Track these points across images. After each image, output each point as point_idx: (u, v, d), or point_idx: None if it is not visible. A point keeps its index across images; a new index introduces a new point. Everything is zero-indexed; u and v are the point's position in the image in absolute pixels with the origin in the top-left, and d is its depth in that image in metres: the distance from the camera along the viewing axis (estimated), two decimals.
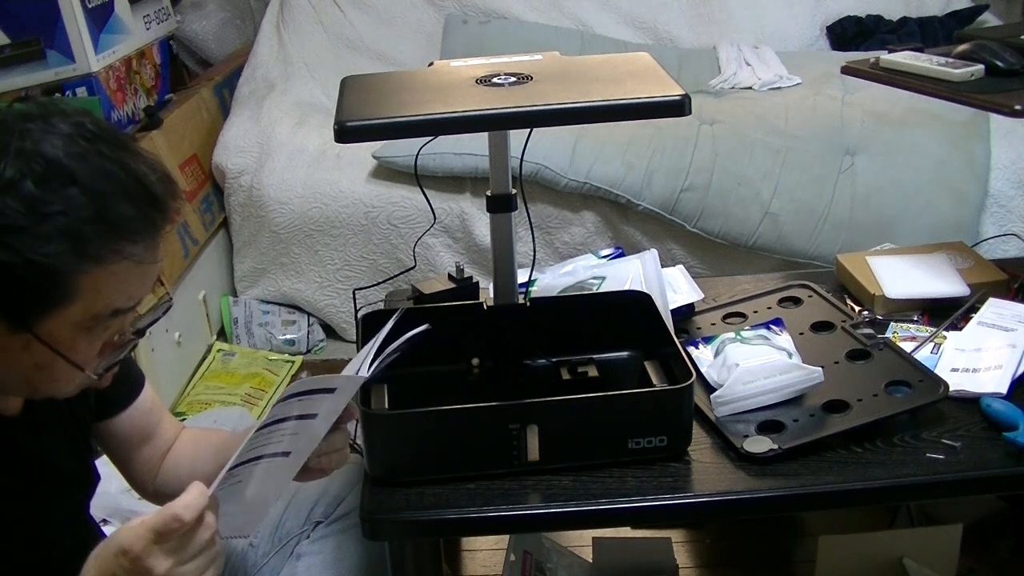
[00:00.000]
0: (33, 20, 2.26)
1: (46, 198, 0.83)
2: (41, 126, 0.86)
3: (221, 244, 2.84)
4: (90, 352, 0.92)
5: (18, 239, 0.82)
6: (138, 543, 0.85)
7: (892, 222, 2.45)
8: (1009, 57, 1.55)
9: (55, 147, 0.85)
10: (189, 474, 1.22)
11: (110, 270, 0.87)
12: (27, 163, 0.83)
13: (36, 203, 0.83)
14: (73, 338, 0.90)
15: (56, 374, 0.92)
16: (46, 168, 0.84)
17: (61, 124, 0.87)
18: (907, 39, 3.06)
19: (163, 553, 0.85)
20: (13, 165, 0.83)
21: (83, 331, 0.90)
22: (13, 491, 1.00)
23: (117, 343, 0.95)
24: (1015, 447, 1.20)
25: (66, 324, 0.88)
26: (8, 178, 0.83)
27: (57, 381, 0.94)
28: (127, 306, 0.92)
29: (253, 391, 2.53)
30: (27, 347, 0.89)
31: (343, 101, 1.23)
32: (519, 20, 3.23)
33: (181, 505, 0.86)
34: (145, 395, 1.22)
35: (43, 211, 0.83)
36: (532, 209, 2.53)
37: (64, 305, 0.87)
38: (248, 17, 3.54)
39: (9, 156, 0.83)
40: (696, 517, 1.62)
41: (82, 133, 0.87)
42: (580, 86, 1.25)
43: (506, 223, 1.34)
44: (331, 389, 0.98)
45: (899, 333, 1.49)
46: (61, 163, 0.84)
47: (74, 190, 0.84)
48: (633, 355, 1.43)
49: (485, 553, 1.94)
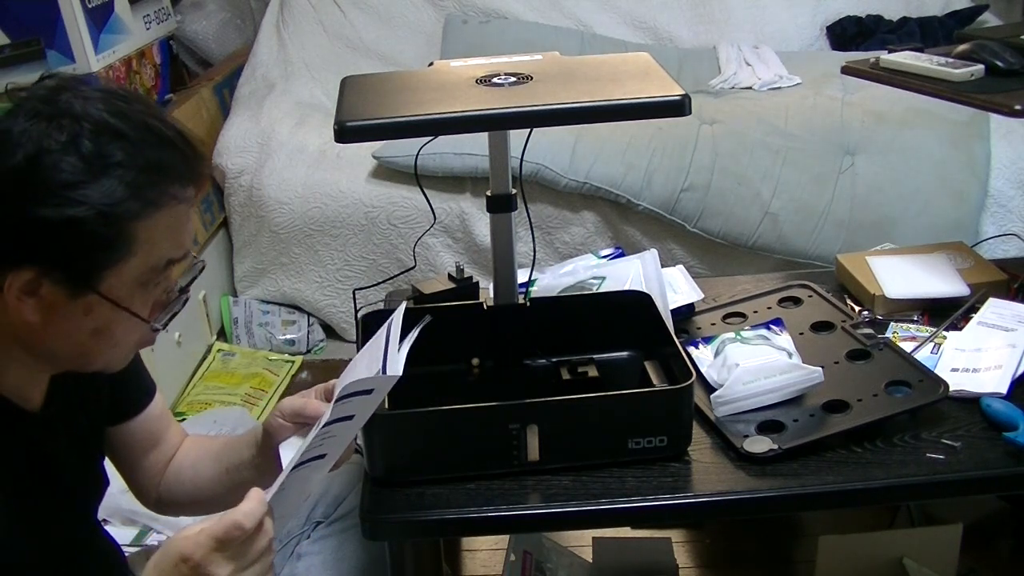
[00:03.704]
0: (33, 20, 2.26)
1: (103, 152, 0.88)
2: (76, 94, 0.90)
3: (221, 244, 2.84)
4: (145, 310, 0.95)
5: (84, 192, 0.86)
6: (199, 551, 0.86)
7: (892, 222, 2.45)
8: (1009, 57, 1.55)
9: (98, 109, 0.89)
10: (191, 480, 1.23)
11: (164, 216, 0.91)
12: (77, 124, 0.88)
13: (94, 158, 0.87)
14: (132, 295, 0.93)
15: (116, 335, 0.95)
16: (95, 127, 0.88)
17: (93, 91, 0.92)
18: (907, 39, 3.06)
19: (224, 560, 0.87)
20: (65, 129, 0.87)
21: (140, 287, 0.93)
22: (26, 489, 1.00)
23: (166, 301, 0.98)
24: (1015, 447, 1.20)
25: (126, 281, 0.91)
26: (63, 140, 0.87)
27: (116, 345, 0.96)
28: (178, 256, 0.96)
29: (253, 391, 2.53)
30: (89, 310, 0.91)
31: (343, 101, 1.23)
32: (519, 20, 3.23)
33: (242, 512, 0.88)
34: (156, 402, 1.23)
35: (102, 164, 0.87)
36: (532, 209, 2.53)
37: (125, 259, 0.90)
38: (248, 17, 3.54)
39: (58, 121, 0.87)
40: (696, 517, 1.62)
41: (116, 96, 0.92)
42: (580, 86, 1.25)
43: (506, 223, 1.34)
44: (369, 391, 0.99)
45: (899, 333, 1.49)
46: (107, 121, 0.89)
47: (125, 143, 0.89)
48: (633, 355, 1.43)
49: (485, 553, 1.94)
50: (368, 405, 1.01)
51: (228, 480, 1.21)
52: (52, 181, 0.86)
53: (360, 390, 0.98)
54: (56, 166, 0.86)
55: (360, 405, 1.00)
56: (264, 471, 1.17)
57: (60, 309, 0.90)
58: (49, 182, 0.86)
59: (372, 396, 1.00)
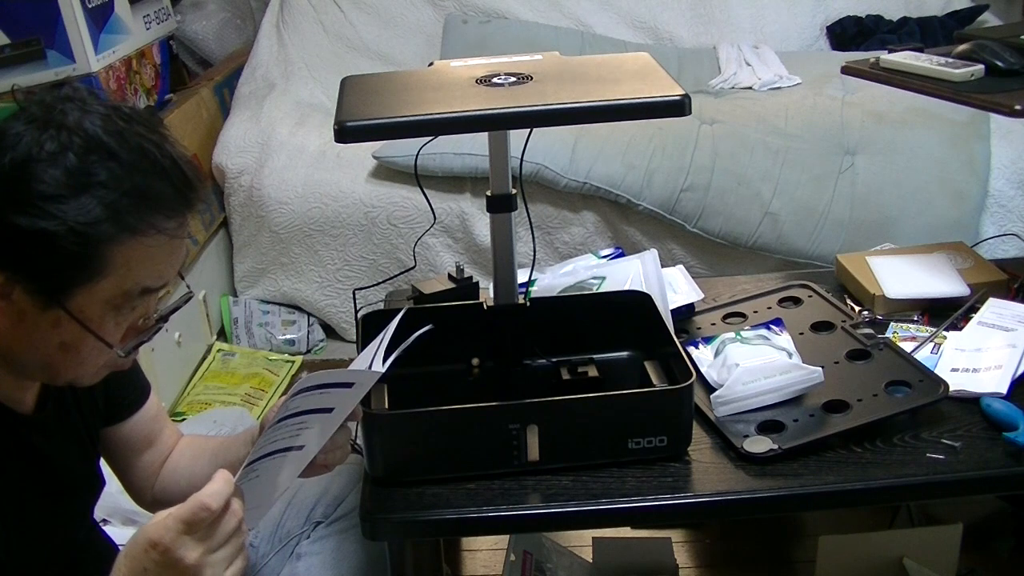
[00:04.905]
0: (33, 20, 2.26)
1: (87, 169, 0.87)
2: (79, 106, 0.89)
3: (221, 244, 2.84)
4: (116, 334, 0.94)
5: (60, 207, 0.85)
6: (167, 534, 0.85)
7: (892, 222, 2.45)
8: (1009, 57, 1.55)
9: (94, 124, 0.88)
10: (187, 479, 1.22)
11: (143, 244, 0.90)
12: (69, 137, 0.87)
13: (77, 174, 0.86)
14: (102, 316, 0.92)
15: (82, 354, 0.93)
16: (87, 142, 0.87)
17: (97, 105, 0.91)
18: (907, 39, 3.06)
19: (192, 542, 0.86)
20: (55, 139, 0.86)
21: (112, 309, 0.92)
22: (23, 491, 1.00)
23: (141, 327, 0.97)
24: (1015, 447, 1.20)
25: (96, 301, 0.90)
26: (51, 150, 0.86)
27: (82, 362, 0.95)
28: (155, 286, 0.94)
29: (253, 391, 2.53)
30: (57, 325, 0.90)
31: (343, 101, 1.23)
32: (519, 20, 3.23)
33: (208, 493, 0.86)
34: (151, 402, 1.23)
35: (84, 182, 0.86)
36: (532, 209, 2.53)
37: (97, 279, 0.89)
38: (248, 17, 3.54)
39: (51, 131, 0.87)
40: (696, 517, 1.62)
41: (119, 114, 0.91)
42: (580, 86, 1.25)
43: (506, 223, 1.34)
44: (348, 384, 0.99)
45: (899, 333, 1.49)
46: (101, 139, 0.88)
47: (113, 164, 0.88)
48: (633, 355, 1.43)
49: (485, 553, 1.94)
50: (349, 399, 1.00)
51: None
52: (32, 191, 0.85)
53: (340, 381, 0.97)
54: (39, 176, 0.85)
55: (340, 398, 0.99)
56: None
57: (29, 318, 0.90)
58: (29, 191, 0.85)
59: (353, 390, 0.99)
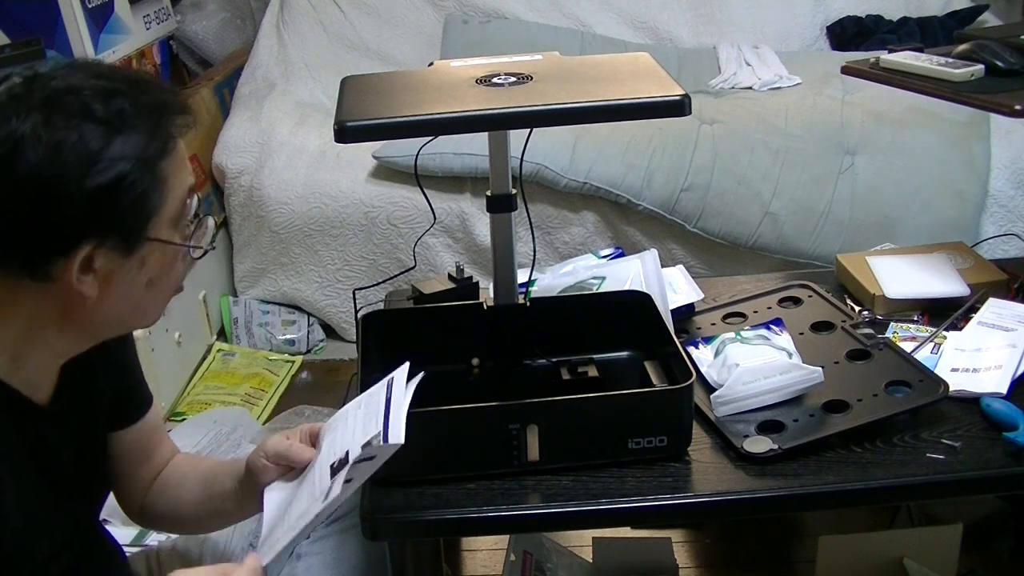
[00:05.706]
0: (33, 20, 2.26)
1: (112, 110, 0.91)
2: (51, 79, 0.93)
3: (221, 244, 2.84)
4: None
5: (116, 150, 0.90)
6: None
7: (892, 222, 2.45)
8: (1009, 57, 1.55)
9: (81, 79, 0.93)
10: (175, 498, 1.23)
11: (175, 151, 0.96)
12: (78, 96, 0.91)
13: (109, 119, 0.91)
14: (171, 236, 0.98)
15: (164, 283, 1.00)
16: (95, 93, 0.92)
17: (58, 70, 0.95)
18: (907, 39, 3.06)
19: None
20: (72, 102, 0.90)
21: (174, 225, 0.98)
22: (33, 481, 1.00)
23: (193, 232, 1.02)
24: (1015, 447, 1.20)
25: (165, 222, 0.96)
26: (77, 109, 0.90)
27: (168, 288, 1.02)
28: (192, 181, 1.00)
29: (253, 391, 2.53)
30: (143, 263, 0.96)
31: (343, 101, 1.23)
32: (519, 20, 3.23)
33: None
34: (152, 414, 1.23)
35: (118, 121, 0.91)
36: (532, 209, 2.53)
37: (163, 199, 0.95)
38: (248, 17, 3.54)
39: (62, 97, 0.90)
40: (696, 517, 1.62)
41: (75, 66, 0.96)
42: (580, 86, 1.25)
43: (506, 223, 1.34)
44: (371, 457, 1.02)
45: (899, 333, 1.49)
46: (102, 86, 0.93)
47: (123, 97, 0.93)
48: (633, 355, 1.43)
49: (485, 553, 1.94)
50: (367, 469, 1.03)
51: (210, 506, 1.21)
52: (88, 152, 0.89)
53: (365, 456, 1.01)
54: (85, 138, 0.89)
55: (360, 470, 1.02)
56: (245, 506, 1.17)
57: (116, 275, 0.94)
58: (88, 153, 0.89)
59: (373, 462, 1.02)
